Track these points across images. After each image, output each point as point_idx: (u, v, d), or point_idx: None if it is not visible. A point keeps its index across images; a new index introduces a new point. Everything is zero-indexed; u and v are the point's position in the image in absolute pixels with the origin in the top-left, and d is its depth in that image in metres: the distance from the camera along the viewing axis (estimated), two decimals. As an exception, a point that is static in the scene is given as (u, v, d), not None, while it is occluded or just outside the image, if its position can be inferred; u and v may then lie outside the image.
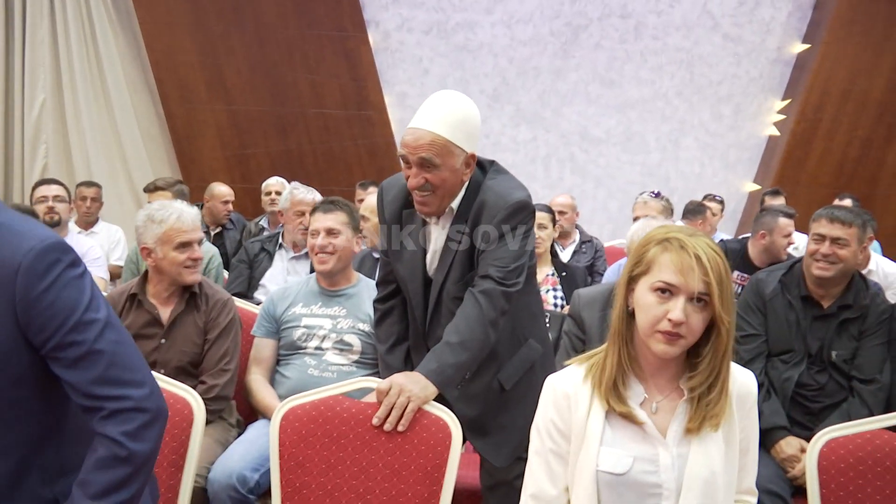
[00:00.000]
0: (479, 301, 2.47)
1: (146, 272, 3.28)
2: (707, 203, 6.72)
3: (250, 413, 3.51)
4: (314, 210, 3.48)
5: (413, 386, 2.35)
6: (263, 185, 6.74)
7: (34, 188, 5.29)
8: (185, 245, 3.19)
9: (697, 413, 1.85)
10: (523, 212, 2.57)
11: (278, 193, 6.44)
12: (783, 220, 4.90)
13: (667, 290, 1.80)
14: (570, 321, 3.35)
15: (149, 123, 8.15)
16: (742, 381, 1.95)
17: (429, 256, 2.68)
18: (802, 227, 6.02)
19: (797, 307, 3.21)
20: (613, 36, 8.48)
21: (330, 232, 3.37)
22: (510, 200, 2.54)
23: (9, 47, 7.99)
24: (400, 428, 2.31)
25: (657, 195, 4.83)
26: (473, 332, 2.44)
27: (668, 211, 4.68)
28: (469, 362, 2.46)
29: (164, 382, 2.47)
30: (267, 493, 3.00)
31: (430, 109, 2.51)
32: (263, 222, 6.58)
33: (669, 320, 1.79)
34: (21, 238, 1.60)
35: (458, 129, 2.48)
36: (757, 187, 8.47)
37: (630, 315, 1.91)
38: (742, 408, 1.93)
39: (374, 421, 2.33)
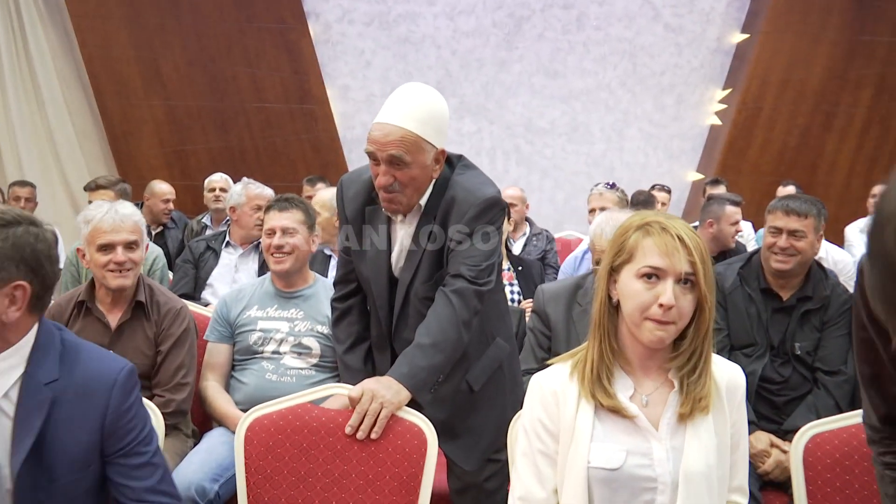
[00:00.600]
0: (452, 301, 2.38)
1: (93, 278, 3.13)
2: (655, 193, 6.74)
3: (203, 421, 3.38)
4: (268, 208, 3.35)
5: (385, 391, 2.24)
6: (207, 181, 6.56)
7: (-31, 189, 5.10)
8: (105, 247, 2.97)
9: (686, 398, 1.82)
10: (494, 208, 2.49)
11: (223, 190, 6.31)
12: (730, 209, 4.94)
13: (653, 275, 1.77)
14: (534, 317, 3.27)
15: (83, 120, 7.91)
16: (730, 374, 1.92)
17: (394, 255, 2.57)
18: (746, 216, 6.12)
19: (757, 300, 3.19)
20: (556, 26, 8.46)
21: (286, 231, 3.25)
22: (481, 197, 2.46)
23: (-69, 42, 7.69)
24: (373, 435, 2.21)
25: (612, 186, 4.79)
26: (446, 333, 2.36)
27: (624, 202, 4.64)
28: (442, 364, 2.37)
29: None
30: (227, 504, 2.91)
31: (398, 103, 2.40)
32: (206, 220, 6.42)
33: (661, 305, 1.75)
34: (109, 359, 1.92)
35: (428, 125, 2.38)
36: (700, 177, 8.54)
37: (613, 307, 1.86)
38: (732, 401, 1.90)
39: (347, 430, 2.22)
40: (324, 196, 4.31)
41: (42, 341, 1.84)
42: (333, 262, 4.26)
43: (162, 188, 6.34)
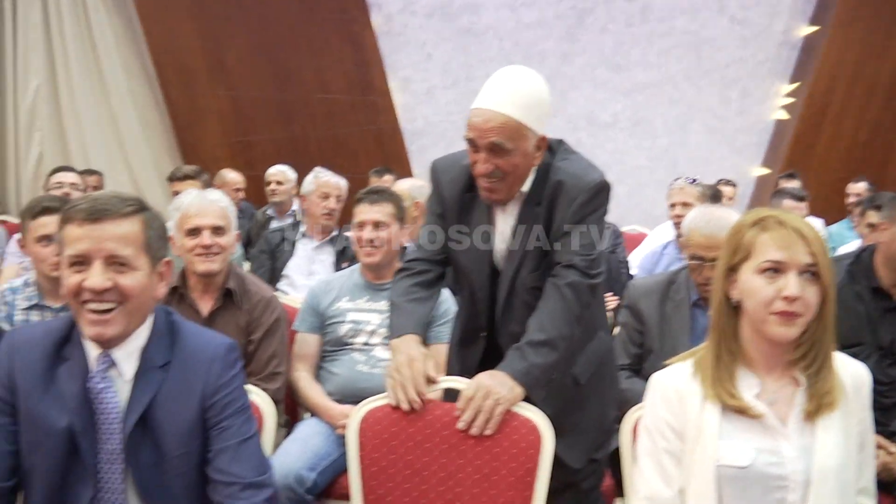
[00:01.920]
0: (566, 295, 2.32)
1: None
2: (721, 187, 6.68)
3: (292, 410, 3.40)
4: (359, 200, 3.35)
5: (500, 388, 2.20)
6: (266, 174, 6.62)
7: (49, 176, 5.17)
8: (193, 231, 3.02)
9: (812, 394, 1.80)
10: (602, 193, 2.42)
11: (279, 183, 6.38)
12: (787, 202, 4.92)
13: (774, 269, 1.76)
14: (626, 313, 3.24)
15: (147, 110, 7.96)
16: (855, 371, 1.90)
17: (496, 245, 2.50)
18: (814, 211, 6.02)
19: (866, 298, 3.11)
20: (620, 19, 8.36)
21: (377, 225, 3.25)
22: (590, 182, 2.39)
23: (1, 30, 7.77)
24: (488, 432, 2.17)
25: (693, 181, 4.74)
26: (560, 329, 2.31)
27: (706, 196, 4.59)
28: (556, 362, 2.32)
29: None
30: (324, 493, 2.92)
31: (498, 87, 2.31)
32: (270, 211, 6.47)
33: (785, 298, 1.74)
34: (210, 337, 1.99)
35: (530, 110, 2.28)
36: (765, 171, 8.41)
37: (731, 308, 1.85)
38: (857, 399, 1.88)
39: (460, 425, 2.19)
40: (402, 186, 4.31)
41: (158, 324, 1.92)
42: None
43: (233, 177, 6.42)
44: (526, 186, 2.42)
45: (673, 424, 1.86)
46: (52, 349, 1.87)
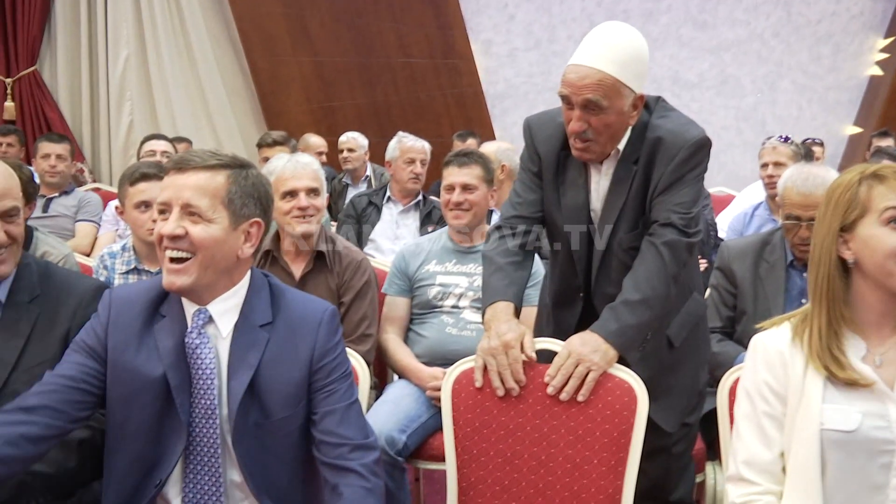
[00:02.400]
0: (662, 253, 2.27)
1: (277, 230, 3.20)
2: (811, 147, 6.52)
3: (381, 372, 3.44)
4: (447, 163, 3.35)
5: (592, 354, 2.16)
6: (339, 140, 6.67)
7: (142, 144, 5.28)
8: (289, 194, 3.05)
9: None
10: (702, 150, 2.35)
11: (350, 150, 6.43)
12: (887, 163, 4.69)
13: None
14: (718, 274, 3.19)
15: (233, 77, 8.05)
16: None
17: (592, 203, 2.45)
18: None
19: None
20: (706, -25, 8.18)
21: (465, 187, 3.24)
22: (690, 139, 2.32)
23: (91, 3, 7.94)
24: (580, 398, 2.15)
25: (786, 140, 4.61)
26: (656, 288, 2.26)
27: (798, 155, 4.45)
28: (651, 322, 2.28)
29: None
30: (414, 455, 2.95)
31: (595, 43, 2.24)
32: (347, 178, 6.53)
33: None
34: (312, 301, 2.02)
35: (627, 68, 2.21)
36: (858, 130, 8.14)
37: (843, 270, 1.79)
38: None
39: (549, 390, 2.17)
40: (489, 149, 4.29)
41: (256, 284, 1.94)
42: (495, 217, 4.25)
43: (315, 141, 6.51)
44: (622, 144, 2.37)
45: (774, 387, 1.82)
46: (150, 306, 1.91)
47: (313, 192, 3.06)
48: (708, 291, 3.27)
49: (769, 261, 3.12)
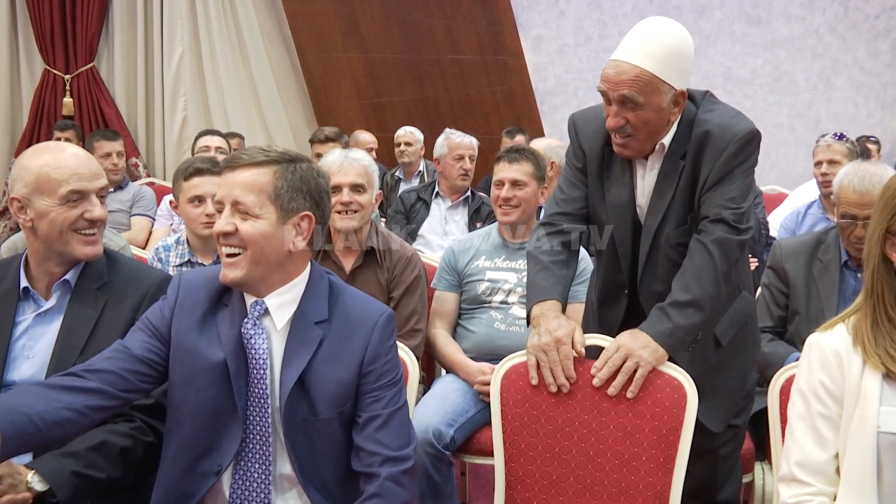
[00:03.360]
0: (712, 252, 2.23)
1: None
2: (866, 145, 6.42)
3: (430, 367, 3.45)
4: (498, 159, 3.35)
5: (642, 350, 2.15)
6: (395, 135, 6.70)
7: (196, 139, 5.35)
8: (334, 189, 3.03)
9: None
10: (752, 143, 2.31)
11: (408, 144, 6.44)
12: None
13: None
14: (770, 273, 3.15)
15: (284, 74, 8.10)
16: None
17: (638, 199, 2.42)
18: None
19: None
20: (760, -30, 8.06)
21: (515, 183, 3.24)
22: (739, 132, 2.27)
23: (147, 2, 8.04)
24: (629, 395, 2.14)
25: (840, 137, 4.53)
26: (707, 289, 2.22)
27: (854, 153, 4.38)
28: (701, 323, 2.25)
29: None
30: (461, 449, 2.96)
31: (636, 39, 2.22)
32: (399, 173, 6.55)
33: None
34: (370, 303, 2.02)
35: (667, 63, 2.18)
36: (917, 128, 7.99)
37: (891, 271, 1.76)
38: None
39: (595, 382, 2.16)
40: (538, 145, 4.28)
41: (315, 280, 1.96)
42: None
43: (365, 137, 6.55)
44: (668, 139, 2.33)
45: (830, 388, 1.79)
46: (215, 294, 1.96)
47: (358, 188, 3.07)
48: (759, 290, 3.24)
49: (823, 260, 3.08)
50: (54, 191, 2.06)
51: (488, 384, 2.43)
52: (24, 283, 2.13)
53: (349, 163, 3.11)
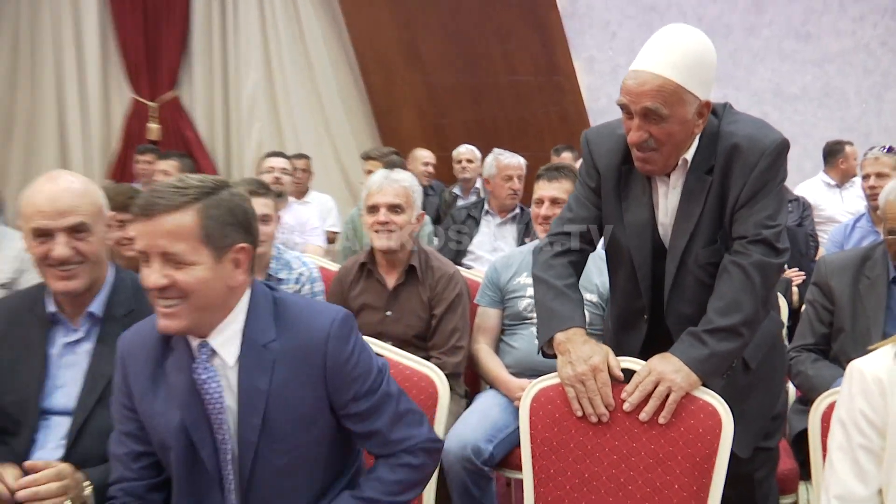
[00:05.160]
0: (752, 276, 1.98)
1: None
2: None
3: (474, 382, 3.29)
4: (538, 177, 3.18)
5: (675, 375, 1.92)
6: (454, 153, 6.58)
7: (262, 160, 5.26)
8: (372, 208, 2.95)
9: None
10: (783, 155, 2.04)
11: (469, 161, 6.31)
12: None
13: None
14: (815, 290, 2.89)
15: (350, 97, 8.05)
16: None
17: (660, 219, 2.15)
18: None
19: None
20: (809, -13, 7.71)
21: (555, 201, 3.05)
22: (771, 144, 2.00)
23: (224, 31, 8.08)
24: (661, 420, 1.92)
25: (889, 150, 4.23)
26: (746, 314, 1.97)
27: (903, 166, 4.09)
28: (739, 350, 2.01)
29: (405, 358, 2.25)
30: (501, 464, 2.79)
31: (658, 47, 1.95)
32: (457, 190, 6.41)
33: None
34: (318, 313, 1.73)
35: (691, 73, 1.91)
36: (968, 140, 7.54)
37: None
38: None
39: (626, 406, 1.95)
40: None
41: (256, 302, 1.72)
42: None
43: (422, 153, 6.45)
44: (690, 154, 2.07)
45: (872, 418, 1.58)
46: (157, 346, 1.73)
47: (395, 208, 2.94)
48: (804, 307, 2.99)
49: (870, 276, 2.81)
50: (27, 225, 1.96)
51: None
52: (51, 307, 2.03)
53: (389, 183, 2.98)
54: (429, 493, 2.15)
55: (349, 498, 1.74)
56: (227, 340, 1.68)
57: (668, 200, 2.14)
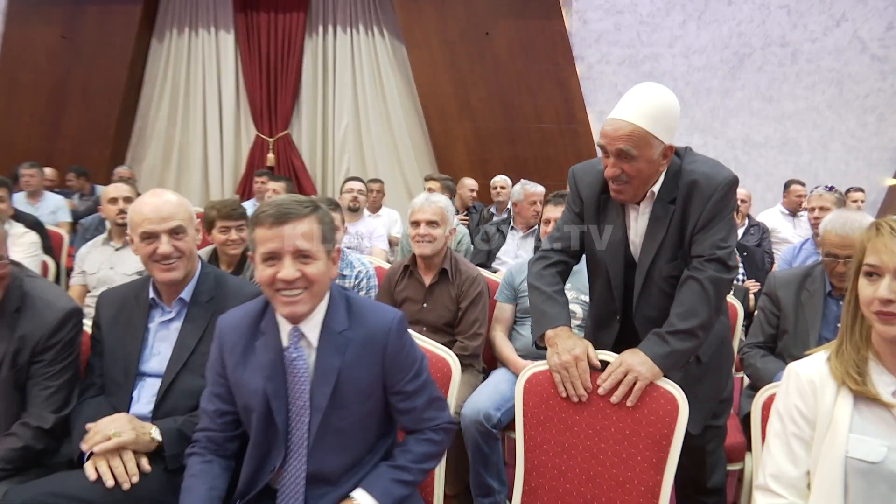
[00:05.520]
0: (707, 288, 1.83)
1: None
2: (852, 193, 5.71)
3: (491, 361, 3.14)
4: (547, 201, 3.03)
5: (641, 367, 1.77)
6: (492, 181, 6.42)
7: (344, 183, 5.18)
8: (414, 223, 2.83)
9: None
10: (733, 190, 1.89)
11: (503, 188, 6.15)
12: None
13: (873, 273, 1.32)
14: (765, 299, 2.68)
15: (417, 137, 7.98)
16: None
17: (632, 239, 1.99)
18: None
19: None
20: (773, 61, 7.36)
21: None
22: (723, 180, 1.85)
23: (325, 86, 8.08)
24: (628, 403, 1.76)
25: (830, 189, 3.96)
26: (702, 319, 1.83)
27: (841, 202, 3.81)
28: (695, 349, 1.86)
29: (431, 345, 2.11)
30: (507, 427, 2.63)
31: (631, 100, 1.82)
32: (493, 209, 6.26)
33: (877, 300, 1.30)
34: (382, 311, 1.66)
35: (658, 122, 1.78)
36: (896, 182, 7.14)
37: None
38: None
39: (600, 391, 1.79)
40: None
41: (333, 297, 1.65)
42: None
43: (469, 182, 6.31)
44: (657, 187, 1.91)
45: (804, 412, 1.40)
46: (251, 327, 1.65)
47: (433, 223, 2.82)
48: (756, 312, 2.78)
49: (810, 290, 2.60)
50: (135, 231, 1.90)
51: None
52: (151, 294, 1.96)
53: (428, 204, 2.85)
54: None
55: (385, 467, 1.66)
56: (313, 327, 1.61)
57: (637, 224, 1.98)
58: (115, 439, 1.68)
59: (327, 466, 1.61)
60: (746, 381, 2.82)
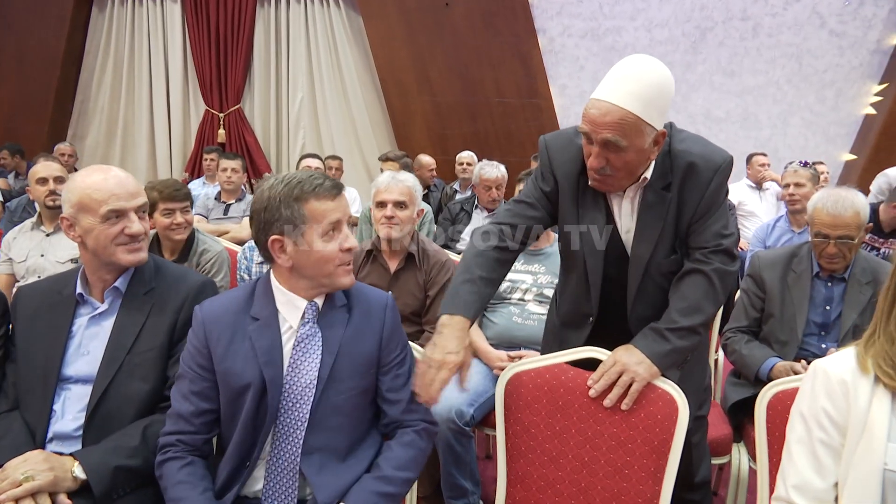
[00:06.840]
0: (714, 282, 1.61)
1: (380, 233, 2.72)
2: (817, 166, 5.67)
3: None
4: (519, 180, 2.81)
5: (637, 367, 1.56)
6: (457, 157, 6.19)
7: (300, 160, 4.88)
8: (380, 204, 2.60)
9: None
10: (729, 172, 1.66)
11: (469, 164, 5.94)
12: None
13: None
14: (748, 280, 2.53)
15: (375, 112, 7.64)
16: None
17: (621, 229, 1.71)
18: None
19: None
20: (734, 35, 7.22)
21: None
22: (721, 162, 1.62)
23: (278, 60, 7.67)
24: (624, 407, 1.57)
25: (805, 164, 3.84)
26: (706, 317, 1.62)
27: (816, 178, 3.69)
28: (695, 346, 1.66)
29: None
30: (481, 423, 2.44)
31: (620, 78, 1.50)
32: (456, 186, 6.03)
33: None
34: (375, 291, 1.63)
35: (651, 104, 1.48)
36: (853, 157, 7.12)
37: None
38: None
39: (591, 393, 1.58)
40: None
41: None
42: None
43: (427, 160, 6.03)
44: (649, 172, 1.64)
45: (834, 417, 1.21)
46: (239, 315, 1.53)
47: (400, 204, 2.57)
48: (738, 294, 2.63)
49: (797, 271, 2.45)
50: (95, 210, 1.60)
51: (503, 369, 1.86)
52: (79, 289, 1.67)
53: (395, 183, 2.60)
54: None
55: (370, 479, 1.51)
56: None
57: (622, 211, 1.72)
58: (27, 485, 1.40)
59: (323, 445, 1.50)
60: (723, 367, 2.68)
